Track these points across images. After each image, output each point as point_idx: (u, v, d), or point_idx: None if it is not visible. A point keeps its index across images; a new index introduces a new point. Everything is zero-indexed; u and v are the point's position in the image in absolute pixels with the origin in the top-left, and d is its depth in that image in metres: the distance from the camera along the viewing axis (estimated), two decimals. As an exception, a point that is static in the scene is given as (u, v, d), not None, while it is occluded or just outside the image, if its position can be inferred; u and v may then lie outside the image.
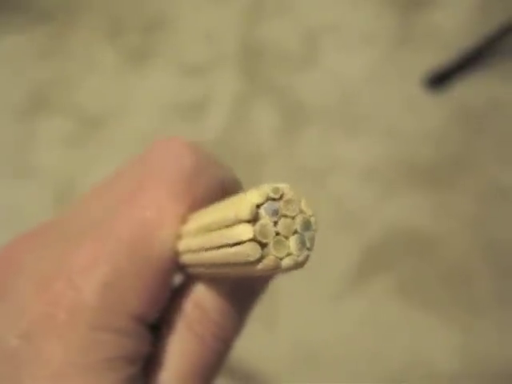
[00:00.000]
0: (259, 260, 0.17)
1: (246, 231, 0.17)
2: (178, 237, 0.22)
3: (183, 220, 0.22)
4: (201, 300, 0.23)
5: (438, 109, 0.99)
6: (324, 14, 1.11)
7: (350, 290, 0.85)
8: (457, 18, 1.08)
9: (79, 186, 0.94)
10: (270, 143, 0.97)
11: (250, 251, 0.17)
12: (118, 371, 0.20)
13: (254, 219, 0.17)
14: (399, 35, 1.07)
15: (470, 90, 1.00)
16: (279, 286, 0.84)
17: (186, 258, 0.22)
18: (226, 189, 0.24)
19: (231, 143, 0.94)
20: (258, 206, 0.17)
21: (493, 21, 1.02)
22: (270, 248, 0.17)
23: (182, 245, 0.22)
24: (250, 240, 0.17)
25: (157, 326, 0.23)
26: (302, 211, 0.18)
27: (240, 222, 0.18)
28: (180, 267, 0.23)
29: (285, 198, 0.18)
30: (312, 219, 0.18)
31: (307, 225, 0.18)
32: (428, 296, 0.84)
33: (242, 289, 0.24)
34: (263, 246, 0.17)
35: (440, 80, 1.01)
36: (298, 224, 0.18)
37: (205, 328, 0.22)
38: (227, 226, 0.18)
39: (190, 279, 0.23)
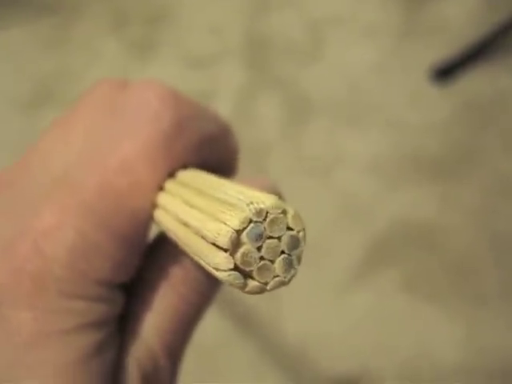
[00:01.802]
0: (242, 286, 0.16)
1: (225, 262, 0.16)
2: (154, 205, 0.20)
3: (160, 187, 0.20)
4: (182, 258, 0.22)
5: (444, 101, 0.99)
6: (329, 6, 1.11)
7: (355, 283, 0.85)
8: (463, 9, 1.07)
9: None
10: (275, 136, 0.97)
11: (232, 280, 0.16)
12: (88, 336, 0.19)
13: (234, 246, 0.16)
14: (405, 27, 1.07)
15: (475, 82, 1.00)
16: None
17: (164, 230, 0.20)
18: (214, 140, 0.23)
19: (236, 136, 0.93)
20: (240, 231, 0.16)
21: (499, 13, 1.02)
22: (254, 275, 0.16)
23: (160, 217, 0.20)
24: (232, 270, 0.16)
25: (131, 283, 0.22)
26: (289, 228, 0.16)
27: (219, 247, 0.16)
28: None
29: (270, 218, 0.16)
30: (301, 235, 0.17)
31: (295, 243, 0.16)
32: (433, 288, 0.84)
33: None
34: (246, 272, 0.16)
35: (446, 72, 1.01)
36: (284, 244, 0.16)
37: (187, 286, 0.22)
38: (207, 242, 0.16)
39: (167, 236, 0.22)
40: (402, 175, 0.92)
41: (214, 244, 0.16)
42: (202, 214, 0.17)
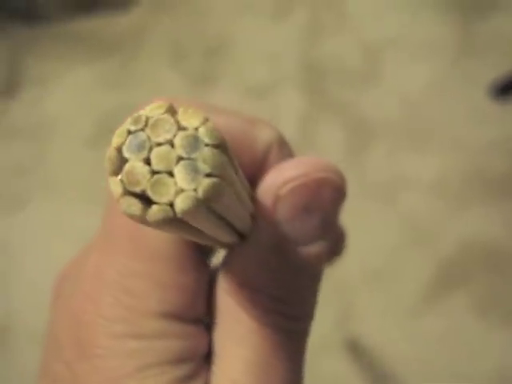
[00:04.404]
0: (141, 214, 0.13)
1: (115, 185, 0.13)
2: None
3: None
4: (245, 276, 0.19)
5: (506, 119, 0.97)
6: (383, 27, 1.10)
7: (425, 306, 0.83)
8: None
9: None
10: (336, 160, 0.96)
11: (127, 208, 0.13)
12: (160, 376, 0.18)
13: (119, 166, 0.13)
14: (462, 44, 1.06)
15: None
16: (355, 304, 0.83)
17: None
18: (234, 138, 0.20)
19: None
20: (119, 147, 0.13)
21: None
22: (151, 195, 0.13)
23: None
24: (124, 195, 0.13)
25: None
26: (181, 127, 0.13)
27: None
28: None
29: (151, 122, 0.13)
30: (201, 131, 0.13)
31: (193, 143, 0.13)
32: (506, 312, 0.82)
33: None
34: (141, 194, 0.13)
35: (506, 89, 0.99)
36: (179, 148, 0.13)
37: (256, 304, 0.19)
38: None
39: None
40: (467, 196, 0.91)
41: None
42: None
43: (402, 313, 0.83)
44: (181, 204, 0.12)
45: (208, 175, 0.13)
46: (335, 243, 0.22)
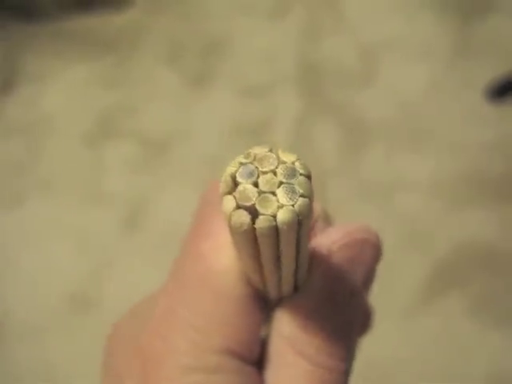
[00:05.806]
0: (249, 224, 0.17)
1: (228, 202, 0.17)
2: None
3: None
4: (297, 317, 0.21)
5: (503, 120, 0.97)
6: (381, 28, 1.11)
7: (420, 307, 0.83)
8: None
9: (147, 209, 0.95)
10: (333, 161, 0.97)
11: (238, 219, 0.17)
12: None
13: (233, 188, 0.17)
14: (459, 45, 1.06)
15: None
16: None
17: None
18: None
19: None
20: (233, 174, 0.17)
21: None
22: (258, 208, 0.17)
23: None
24: (236, 209, 0.17)
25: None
26: (281, 162, 0.17)
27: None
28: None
29: (258, 157, 0.17)
30: (297, 164, 0.17)
31: (291, 172, 0.17)
32: (501, 313, 0.82)
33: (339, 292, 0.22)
34: (250, 209, 0.17)
35: (502, 91, 0.99)
36: (280, 175, 0.17)
37: (311, 347, 0.20)
38: None
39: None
40: (464, 197, 0.91)
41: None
42: None
43: (398, 313, 0.83)
44: (282, 215, 0.16)
45: (302, 196, 0.17)
46: (368, 307, 0.26)
